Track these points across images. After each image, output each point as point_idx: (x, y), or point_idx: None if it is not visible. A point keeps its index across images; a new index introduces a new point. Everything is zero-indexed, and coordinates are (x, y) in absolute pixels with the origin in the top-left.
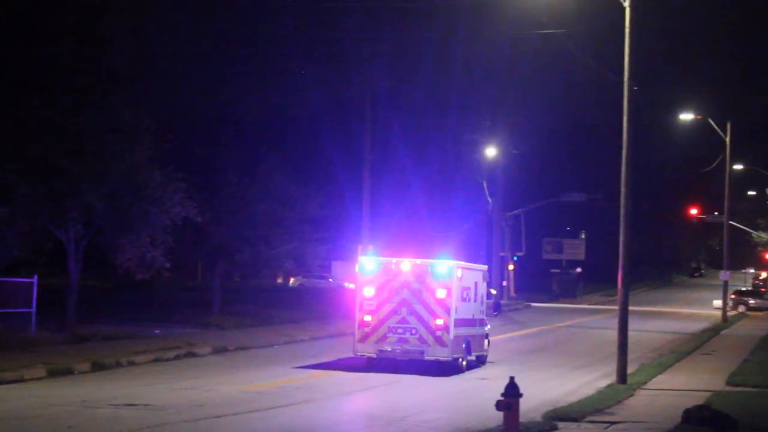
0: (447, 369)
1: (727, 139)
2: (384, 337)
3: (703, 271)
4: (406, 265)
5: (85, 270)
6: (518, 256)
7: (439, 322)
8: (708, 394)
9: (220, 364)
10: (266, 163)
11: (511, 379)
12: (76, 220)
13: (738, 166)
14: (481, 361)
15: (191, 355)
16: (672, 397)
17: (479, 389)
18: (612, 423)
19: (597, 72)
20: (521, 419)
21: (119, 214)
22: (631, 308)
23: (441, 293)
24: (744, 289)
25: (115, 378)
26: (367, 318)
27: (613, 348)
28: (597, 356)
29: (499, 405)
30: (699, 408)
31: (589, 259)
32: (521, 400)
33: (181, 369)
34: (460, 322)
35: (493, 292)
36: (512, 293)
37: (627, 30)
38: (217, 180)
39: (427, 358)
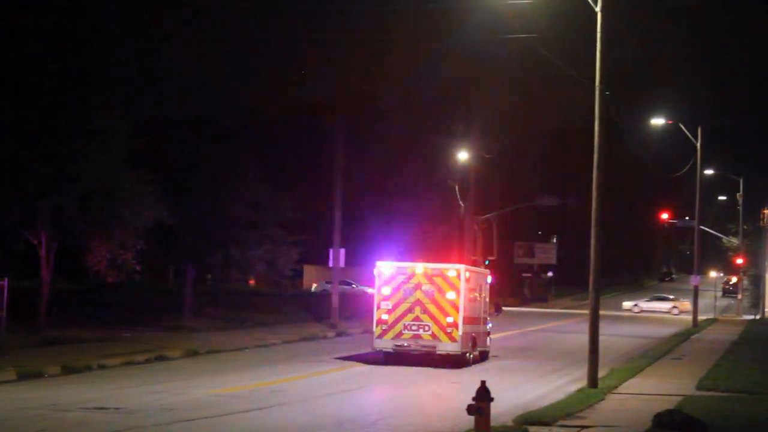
0: (456, 362)
1: (698, 145)
2: (400, 334)
3: (674, 276)
4: (420, 268)
5: (56, 273)
6: (490, 260)
7: (450, 320)
8: (678, 398)
9: (191, 367)
10: (240, 165)
11: (482, 383)
12: (47, 223)
13: (709, 171)
14: (484, 357)
15: (162, 358)
16: (643, 402)
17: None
18: (583, 427)
19: (569, 76)
20: (492, 423)
21: (90, 217)
22: (602, 313)
23: (451, 294)
24: None
25: (85, 381)
26: (385, 316)
27: (584, 352)
28: (568, 360)
29: (470, 409)
30: (669, 412)
31: (561, 264)
32: (492, 404)
33: (152, 372)
34: (467, 321)
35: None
36: None
37: (599, 35)
38: (190, 182)
39: (439, 352)
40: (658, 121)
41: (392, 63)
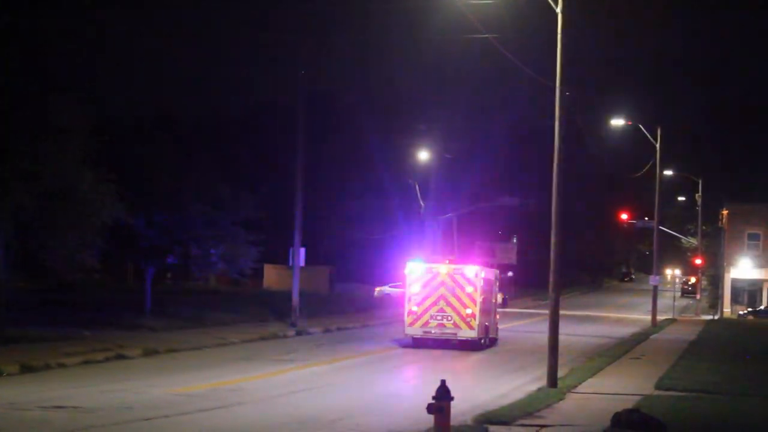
0: (473, 346)
1: (658, 145)
2: (427, 323)
3: (633, 276)
4: (443, 268)
5: (14, 271)
6: (450, 260)
7: (469, 311)
8: (637, 398)
9: (150, 366)
10: (200, 163)
11: (443, 382)
12: (5, 221)
13: (668, 172)
14: (493, 342)
15: (121, 357)
16: (602, 401)
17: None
18: (542, 426)
19: (530, 77)
20: (452, 422)
21: (49, 215)
22: (561, 312)
23: (470, 289)
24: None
25: (44, 380)
26: (414, 308)
27: (544, 352)
28: (528, 360)
29: (430, 408)
30: (628, 412)
31: (521, 264)
32: (452, 403)
33: (111, 371)
34: (482, 312)
35: None
36: None
37: (559, 35)
38: (150, 181)
39: (459, 338)
40: (618, 122)
41: (353, 61)
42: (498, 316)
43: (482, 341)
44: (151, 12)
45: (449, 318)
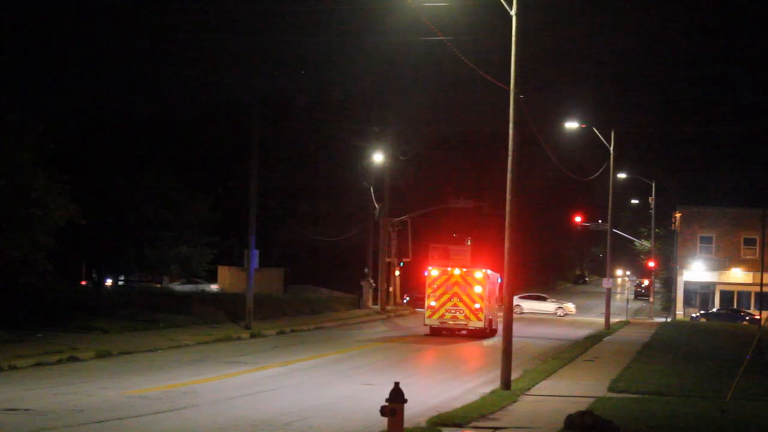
0: (480, 334)
1: (611, 149)
2: (443, 315)
3: (587, 278)
4: (457, 270)
5: None
6: (404, 262)
7: (477, 306)
8: (590, 400)
9: (104, 368)
10: (154, 164)
11: (396, 384)
12: None
13: (622, 175)
14: (494, 333)
15: (74, 359)
16: (555, 403)
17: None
18: (496, 429)
19: (485, 79)
20: (406, 425)
21: (1, 216)
22: (515, 316)
23: (478, 288)
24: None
25: None
26: (433, 303)
27: (497, 354)
28: (481, 362)
29: (383, 411)
30: (581, 414)
31: (475, 266)
32: (406, 405)
33: (64, 373)
34: (488, 307)
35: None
36: (398, 300)
37: (514, 39)
38: (103, 182)
39: (469, 328)
40: (572, 125)
41: (308, 62)
42: (499, 312)
43: (487, 331)
44: (106, 14)
45: (461, 311)
